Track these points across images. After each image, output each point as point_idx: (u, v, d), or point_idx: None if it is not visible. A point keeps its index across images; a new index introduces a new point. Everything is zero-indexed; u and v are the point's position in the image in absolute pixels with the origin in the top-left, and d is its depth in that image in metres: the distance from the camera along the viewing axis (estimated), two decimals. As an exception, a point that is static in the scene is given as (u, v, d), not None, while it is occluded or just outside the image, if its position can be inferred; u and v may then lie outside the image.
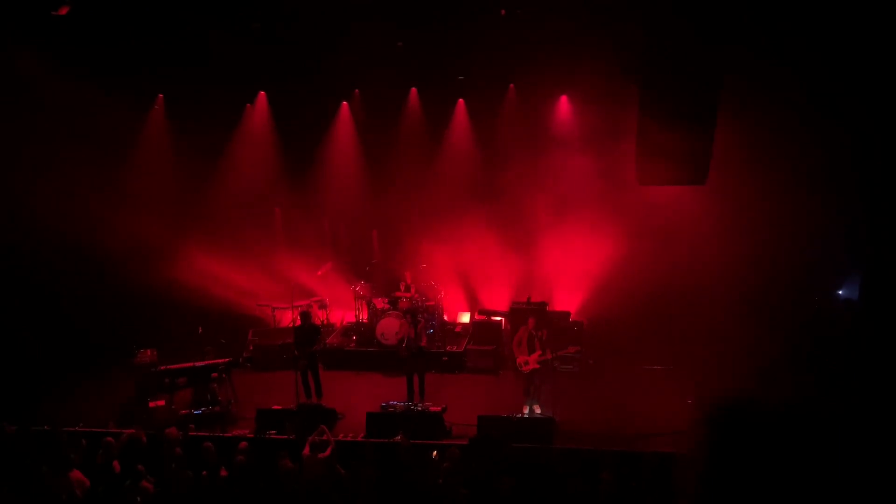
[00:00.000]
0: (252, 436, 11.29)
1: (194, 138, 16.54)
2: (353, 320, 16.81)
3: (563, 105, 16.74)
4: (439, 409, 12.00)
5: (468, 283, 17.14)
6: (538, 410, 12.15)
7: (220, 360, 13.15)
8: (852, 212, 13.89)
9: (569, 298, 16.30)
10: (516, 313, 14.43)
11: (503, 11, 13.77)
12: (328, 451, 9.93)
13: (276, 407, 12.02)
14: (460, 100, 17.40)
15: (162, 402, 12.62)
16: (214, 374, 12.78)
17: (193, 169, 16.65)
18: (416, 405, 12.20)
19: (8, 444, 10.44)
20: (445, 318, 16.88)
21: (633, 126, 16.09)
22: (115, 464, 9.70)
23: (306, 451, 9.91)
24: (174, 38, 14.61)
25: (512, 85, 16.89)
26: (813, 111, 13.27)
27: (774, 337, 13.08)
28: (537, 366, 12.12)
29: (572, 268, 16.11)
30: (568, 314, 15.60)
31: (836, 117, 13.17)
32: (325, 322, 16.91)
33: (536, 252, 16.23)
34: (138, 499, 8.57)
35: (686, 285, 14.25)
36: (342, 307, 17.52)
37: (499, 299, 16.62)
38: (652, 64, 12.63)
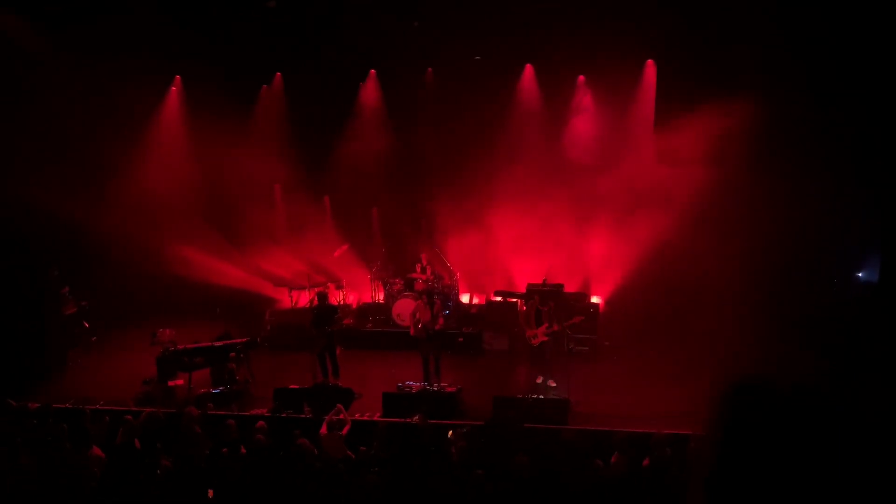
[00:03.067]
0: (269, 415, 11.40)
1: (211, 119, 16.57)
2: (370, 301, 16.89)
3: (581, 85, 16.61)
4: (455, 389, 12.05)
5: (485, 264, 17.12)
6: (553, 384, 12.22)
7: (237, 340, 13.27)
8: (872, 194, 13.74)
9: (586, 280, 16.26)
10: (532, 295, 14.43)
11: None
12: (345, 431, 10.03)
13: (293, 386, 12.12)
14: (477, 80, 17.29)
15: (181, 381, 12.78)
16: (232, 354, 12.90)
17: (211, 150, 16.71)
18: (431, 386, 12.26)
19: (31, 421, 10.62)
20: (461, 299, 16.91)
21: (652, 107, 16.05)
22: (136, 441, 9.84)
23: (323, 429, 10.01)
24: (189, 18, 14.63)
25: (529, 65, 16.77)
26: (833, 93, 13.12)
27: (793, 319, 13.01)
28: (546, 338, 12.22)
29: (589, 250, 16.07)
30: (585, 296, 15.57)
31: (857, 98, 13.02)
32: (342, 303, 17.00)
33: (553, 234, 16.18)
34: (158, 472, 8.70)
35: (704, 267, 14.17)
36: (359, 288, 17.59)
37: (515, 281, 16.61)
38: (671, 44, 12.51)
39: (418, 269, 16.26)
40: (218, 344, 13.10)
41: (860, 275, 15.09)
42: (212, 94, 16.34)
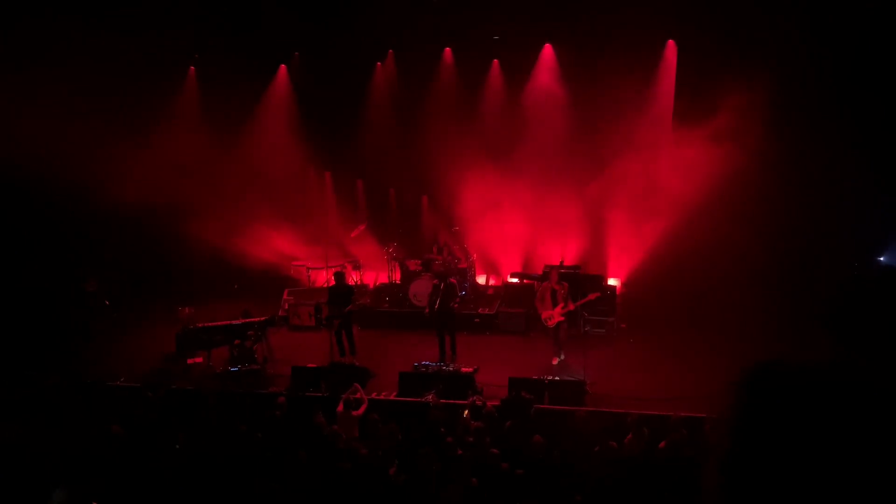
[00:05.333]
0: (287, 393, 11.52)
1: (228, 99, 16.62)
2: (387, 281, 16.94)
3: (602, 65, 16.45)
4: (471, 369, 12.11)
5: (501, 245, 17.11)
6: (562, 356, 12.46)
7: (256, 319, 13.37)
8: (894, 177, 13.58)
9: (604, 263, 16.20)
10: (547, 276, 14.43)
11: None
12: (362, 409, 10.12)
13: (310, 365, 12.22)
14: (495, 60, 17.20)
15: (199, 359, 12.91)
16: (251, 332, 13.01)
17: (229, 130, 16.76)
18: (447, 365, 12.32)
19: (51, 396, 10.79)
20: (478, 280, 16.92)
21: (672, 87, 15.88)
22: (154, 417, 9.99)
23: (340, 408, 10.12)
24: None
25: (548, 44, 16.63)
26: (854, 74, 12.94)
27: (813, 302, 12.93)
28: (562, 318, 12.28)
29: (608, 232, 16.00)
30: (601, 278, 15.52)
31: (879, 79, 12.83)
32: (359, 282, 17.06)
33: (572, 215, 16.12)
34: (177, 446, 8.84)
35: (723, 250, 14.08)
36: (375, 268, 17.65)
37: (532, 262, 16.59)
38: (691, 25, 12.37)
39: (435, 251, 16.26)
40: (236, 322, 13.21)
41: (881, 259, 14.94)
42: (229, 74, 16.38)
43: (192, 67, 17.67)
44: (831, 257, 14.06)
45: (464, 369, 12.11)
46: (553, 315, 12.38)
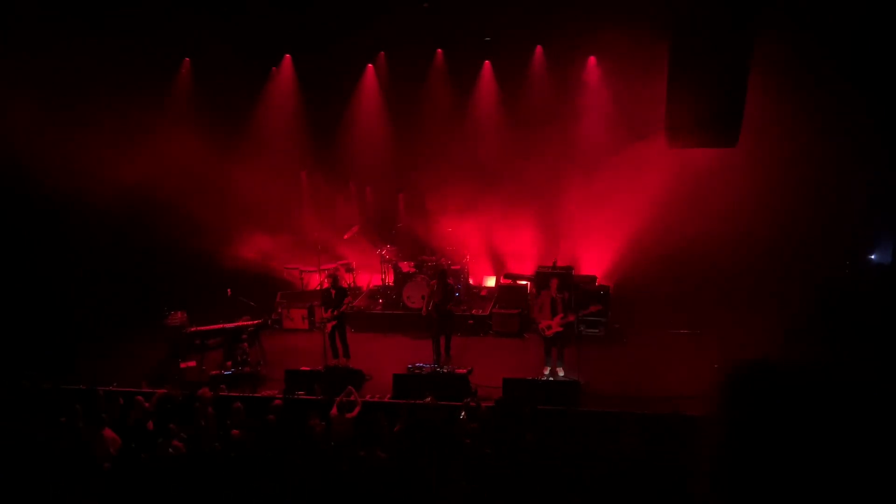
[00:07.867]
0: (281, 396, 11.51)
1: (220, 101, 16.58)
2: (380, 283, 16.94)
3: (592, 67, 16.50)
4: (465, 371, 12.10)
5: (494, 246, 17.12)
6: (561, 373, 12.20)
7: (249, 322, 13.36)
8: (886, 176, 13.65)
9: (595, 263, 16.22)
10: (542, 277, 14.43)
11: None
12: (355, 412, 10.13)
13: (304, 368, 12.21)
14: (487, 61, 17.23)
15: (193, 363, 12.89)
16: (244, 336, 12.99)
17: (220, 132, 16.69)
18: (442, 367, 12.32)
19: (44, 401, 10.76)
20: (471, 281, 16.93)
21: (663, 88, 15.89)
22: (149, 422, 9.96)
23: (334, 410, 10.12)
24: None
25: (539, 46, 16.67)
26: (847, 74, 12.99)
27: (804, 301, 12.97)
28: (560, 328, 12.16)
29: (600, 232, 16.02)
30: (594, 278, 15.54)
31: (870, 80, 12.89)
32: (352, 285, 17.03)
33: (564, 216, 16.15)
34: (170, 451, 8.81)
35: (715, 249, 14.12)
36: (369, 270, 17.63)
37: (525, 263, 16.60)
38: (682, 23, 12.40)
39: (428, 252, 16.27)
40: (229, 326, 13.19)
41: (873, 256, 15.01)
42: (221, 76, 16.35)
43: (186, 65, 17.57)
44: (824, 256, 14.13)
45: (458, 371, 12.11)
46: (552, 325, 12.21)
